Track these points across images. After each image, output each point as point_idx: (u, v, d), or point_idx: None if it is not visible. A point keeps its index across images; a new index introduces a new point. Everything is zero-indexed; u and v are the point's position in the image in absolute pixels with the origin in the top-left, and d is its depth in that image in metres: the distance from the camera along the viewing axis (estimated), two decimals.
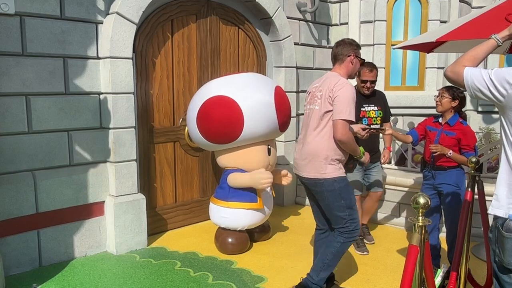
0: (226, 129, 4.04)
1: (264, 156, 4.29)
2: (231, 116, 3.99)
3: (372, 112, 4.28)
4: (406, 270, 1.95)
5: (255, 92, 4.08)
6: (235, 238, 4.24)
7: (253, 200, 4.20)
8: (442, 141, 3.61)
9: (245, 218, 4.22)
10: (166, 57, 4.72)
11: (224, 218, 4.24)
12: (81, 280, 3.66)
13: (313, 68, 6.40)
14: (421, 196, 1.95)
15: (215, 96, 4.05)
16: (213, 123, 4.05)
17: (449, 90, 3.62)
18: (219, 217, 4.28)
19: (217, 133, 4.09)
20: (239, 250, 4.25)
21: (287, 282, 3.63)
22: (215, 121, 4.03)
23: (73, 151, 4.04)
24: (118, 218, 4.19)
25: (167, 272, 3.81)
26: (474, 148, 3.50)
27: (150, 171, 4.69)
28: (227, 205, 4.22)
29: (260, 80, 4.31)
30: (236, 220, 4.22)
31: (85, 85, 4.07)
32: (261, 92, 4.12)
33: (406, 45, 4.41)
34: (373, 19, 6.41)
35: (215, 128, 4.06)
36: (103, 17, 4.13)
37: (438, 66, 6.46)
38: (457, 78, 2.03)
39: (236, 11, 5.33)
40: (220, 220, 4.28)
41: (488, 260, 3.21)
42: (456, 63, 2.06)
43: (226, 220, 4.24)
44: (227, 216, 4.22)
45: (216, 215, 4.31)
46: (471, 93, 1.99)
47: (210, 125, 4.07)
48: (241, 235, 4.28)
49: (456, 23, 3.71)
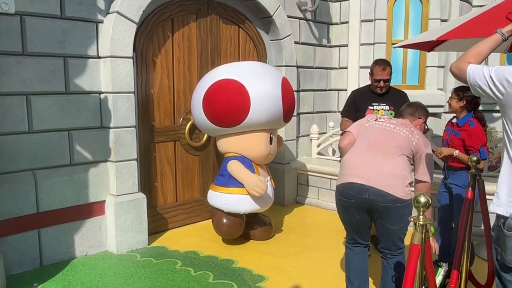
0: (232, 111, 4.06)
1: (266, 144, 4.32)
2: (239, 100, 4.02)
3: (381, 111, 4.12)
4: (408, 269, 1.95)
5: (264, 81, 4.14)
6: (230, 220, 4.29)
7: None
8: (451, 141, 3.65)
9: (246, 203, 4.26)
10: (166, 56, 4.71)
11: (225, 204, 4.27)
12: (82, 279, 3.66)
13: (314, 67, 6.40)
14: (422, 195, 1.95)
15: (224, 79, 4.08)
16: (219, 104, 4.06)
17: (457, 91, 3.62)
18: (221, 203, 4.30)
19: (222, 115, 4.11)
20: (234, 232, 4.31)
21: (288, 281, 3.63)
22: (222, 103, 4.05)
23: (73, 150, 4.04)
24: (118, 217, 4.19)
25: (168, 272, 3.81)
26: (479, 149, 3.47)
27: (150, 171, 4.69)
28: (227, 191, 4.25)
29: (268, 69, 4.38)
30: (237, 205, 4.25)
31: (86, 84, 4.07)
32: (269, 81, 4.17)
33: (406, 44, 4.40)
34: (373, 18, 6.40)
35: (221, 110, 4.08)
36: (103, 17, 4.12)
37: (439, 65, 6.45)
38: (460, 74, 2.03)
39: (237, 10, 5.32)
40: (222, 206, 4.30)
41: (489, 259, 3.21)
42: (461, 59, 2.05)
43: (227, 206, 4.27)
44: (228, 202, 4.25)
45: (217, 202, 4.34)
46: (473, 89, 1.99)
47: (216, 106, 4.09)
48: (235, 219, 4.31)
49: (456, 22, 3.70)
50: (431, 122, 6.41)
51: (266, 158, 4.41)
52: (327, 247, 4.39)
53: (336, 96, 6.78)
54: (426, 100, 6.39)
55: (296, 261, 4.05)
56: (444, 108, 6.56)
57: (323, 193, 5.77)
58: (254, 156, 4.30)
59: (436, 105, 6.49)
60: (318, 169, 5.79)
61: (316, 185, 5.83)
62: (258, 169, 4.37)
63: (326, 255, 4.19)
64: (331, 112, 6.77)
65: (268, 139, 4.36)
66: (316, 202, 5.84)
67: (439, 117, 6.59)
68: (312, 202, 5.89)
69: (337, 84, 6.73)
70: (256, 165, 4.36)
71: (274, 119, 4.26)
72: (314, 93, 6.46)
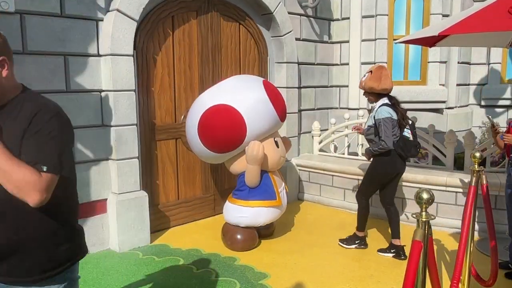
0: (231, 134, 4.04)
1: (274, 150, 4.30)
2: (232, 121, 4.00)
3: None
4: (409, 266, 1.94)
5: (247, 92, 4.11)
6: (243, 234, 4.23)
7: (272, 197, 4.22)
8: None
9: (264, 215, 4.23)
10: (167, 54, 4.70)
11: (243, 218, 4.21)
12: (84, 277, 3.66)
13: (315, 63, 6.38)
14: (424, 191, 1.94)
15: (211, 107, 4.04)
16: (216, 132, 4.03)
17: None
18: (238, 216, 4.23)
19: (222, 142, 4.08)
20: (249, 246, 4.25)
21: (290, 278, 3.63)
22: (218, 130, 4.02)
23: (74, 149, 4.04)
24: (120, 215, 4.19)
25: (170, 269, 3.81)
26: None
27: (152, 168, 4.69)
28: (247, 204, 4.20)
29: (246, 79, 4.35)
30: (255, 218, 4.22)
31: (86, 82, 4.06)
32: (252, 90, 4.14)
33: (408, 40, 4.38)
34: (374, 13, 6.37)
35: (220, 137, 4.05)
36: (103, 14, 4.11)
37: (441, 60, 6.42)
38: None
39: (237, 7, 5.30)
40: (239, 219, 4.23)
41: (493, 255, 3.20)
42: None
43: (245, 219, 4.21)
44: (247, 215, 4.20)
45: (235, 215, 4.26)
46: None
47: (214, 135, 4.06)
48: (249, 231, 4.27)
49: (458, 17, 3.67)
50: (433, 117, 6.41)
51: (278, 162, 4.36)
52: (330, 244, 4.39)
53: (337, 92, 6.77)
54: (428, 96, 6.40)
55: (298, 258, 4.05)
56: (446, 104, 6.54)
57: (325, 190, 5.76)
58: (268, 165, 4.24)
59: (438, 100, 6.47)
60: (320, 166, 5.78)
61: (318, 181, 5.82)
62: (274, 178, 4.32)
63: (328, 252, 4.19)
64: (333, 109, 6.75)
65: (274, 144, 4.33)
66: (318, 199, 5.83)
67: (441, 113, 6.57)
68: (314, 198, 5.88)
69: (339, 81, 6.71)
70: (272, 175, 4.31)
71: (272, 124, 4.22)
72: (316, 89, 6.44)
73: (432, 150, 5.14)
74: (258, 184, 4.19)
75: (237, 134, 4.04)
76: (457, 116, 6.77)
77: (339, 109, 6.71)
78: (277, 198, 4.24)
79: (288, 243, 4.44)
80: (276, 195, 4.23)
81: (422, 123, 5.96)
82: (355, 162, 5.58)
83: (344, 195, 5.54)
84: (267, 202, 4.21)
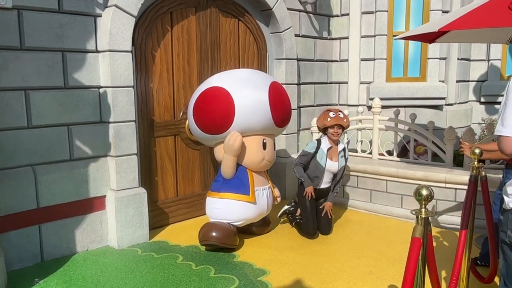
0: (218, 117, 4.08)
1: (258, 149, 4.25)
2: (222, 105, 4.04)
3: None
4: (409, 262, 1.94)
5: (249, 87, 4.12)
6: (219, 230, 4.06)
7: (245, 192, 4.19)
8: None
9: (237, 210, 4.18)
10: (165, 50, 4.68)
11: (216, 209, 4.23)
12: (83, 274, 3.65)
13: (314, 60, 6.36)
14: (423, 188, 1.93)
15: (211, 87, 4.14)
16: (206, 112, 4.11)
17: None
18: (212, 208, 4.27)
19: (209, 122, 4.13)
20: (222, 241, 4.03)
21: (289, 275, 3.63)
22: (207, 110, 4.10)
23: (73, 145, 4.02)
24: (119, 212, 4.19)
25: (169, 266, 3.81)
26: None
27: (151, 165, 4.68)
28: (219, 196, 4.22)
29: (258, 76, 4.33)
30: (228, 211, 4.18)
31: (85, 79, 4.04)
32: (255, 87, 4.14)
33: (408, 36, 4.35)
34: (374, 9, 6.35)
35: (208, 117, 4.12)
36: (101, 10, 4.09)
37: (440, 56, 6.41)
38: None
39: (236, 3, 5.28)
40: (212, 211, 4.26)
41: (491, 251, 3.19)
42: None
43: (218, 211, 4.21)
44: (219, 207, 4.21)
45: (209, 207, 4.31)
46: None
47: (203, 114, 4.13)
48: (223, 225, 4.12)
49: (458, 13, 3.65)
50: (432, 114, 6.40)
51: (260, 163, 4.27)
52: (328, 241, 4.39)
53: (337, 88, 6.75)
54: (427, 92, 6.38)
55: (297, 255, 4.05)
56: (445, 100, 6.53)
57: None
58: (247, 162, 4.22)
59: (438, 97, 6.46)
60: None
61: None
62: (253, 176, 4.27)
63: (327, 249, 4.19)
64: (332, 105, 6.74)
65: (261, 144, 4.27)
66: None
67: (441, 109, 6.56)
68: None
69: (338, 77, 6.70)
70: (251, 172, 4.26)
71: (264, 126, 4.20)
72: (315, 86, 6.43)
73: (432, 146, 5.13)
74: (232, 176, 4.19)
75: (224, 120, 4.07)
76: (457, 113, 6.76)
77: (338, 106, 6.69)
78: (251, 194, 4.20)
79: (287, 240, 4.44)
80: (250, 191, 4.20)
81: (422, 120, 5.95)
82: (354, 158, 5.56)
83: (343, 190, 5.53)
84: (239, 196, 4.18)
